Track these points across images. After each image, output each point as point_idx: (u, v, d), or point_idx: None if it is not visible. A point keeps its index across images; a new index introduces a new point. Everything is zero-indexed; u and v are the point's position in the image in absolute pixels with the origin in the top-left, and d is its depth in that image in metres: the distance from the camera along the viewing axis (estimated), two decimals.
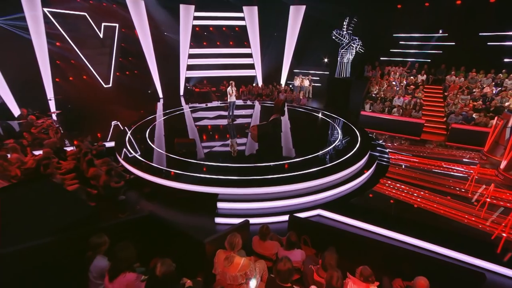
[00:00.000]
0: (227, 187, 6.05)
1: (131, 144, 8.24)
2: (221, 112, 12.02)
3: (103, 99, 13.11)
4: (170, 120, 10.89)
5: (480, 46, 11.87)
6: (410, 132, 10.47)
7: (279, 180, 6.22)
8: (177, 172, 6.53)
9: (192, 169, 6.67)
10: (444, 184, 6.92)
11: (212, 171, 6.64)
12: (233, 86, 10.20)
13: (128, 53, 14.35)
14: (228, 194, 6.04)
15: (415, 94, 12.01)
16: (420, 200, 6.16)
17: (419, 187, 6.71)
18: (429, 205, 5.98)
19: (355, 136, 8.98)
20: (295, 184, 6.15)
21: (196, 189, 6.10)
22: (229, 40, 16.67)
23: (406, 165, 7.99)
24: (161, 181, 6.38)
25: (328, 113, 11.83)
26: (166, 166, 6.84)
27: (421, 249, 4.82)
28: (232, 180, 6.24)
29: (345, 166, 6.89)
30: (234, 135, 9.40)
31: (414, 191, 6.54)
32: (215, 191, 6.05)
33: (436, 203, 6.07)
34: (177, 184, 6.21)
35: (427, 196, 6.32)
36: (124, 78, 14.50)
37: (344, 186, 6.51)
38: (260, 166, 6.92)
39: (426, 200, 6.18)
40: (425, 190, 6.58)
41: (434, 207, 5.92)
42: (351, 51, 13.56)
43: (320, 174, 6.46)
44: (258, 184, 6.10)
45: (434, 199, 6.19)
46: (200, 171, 6.58)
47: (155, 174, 6.49)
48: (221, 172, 6.57)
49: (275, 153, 7.75)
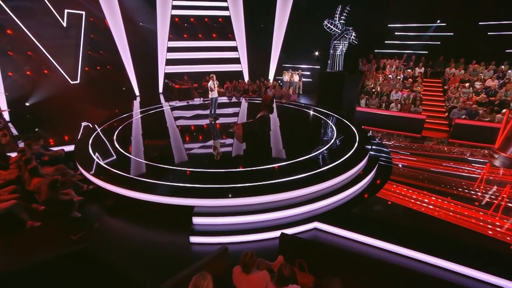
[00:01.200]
0: (204, 198, 5.18)
1: (96, 147, 7.23)
2: (200, 111, 11.09)
3: (69, 97, 11.98)
4: (145, 120, 9.91)
5: (480, 36, 11.47)
6: (410, 129, 9.97)
7: (268, 188, 5.39)
8: (146, 180, 5.61)
9: (165, 177, 5.76)
10: (454, 186, 6.30)
11: (188, 178, 5.74)
12: (214, 80, 9.33)
13: (98, 46, 13.29)
14: (206, 207, 5.17)
15: (414, 88, 11.54)
16: (432, 206, 5.47)
17: (428, 191, 6.04)
18: (442, 213, 5.29)
19: (352, 135, 8.28)
20: (286, 192, 5.33)
21: (168, 201, 5.20)
22: (212, 32, 15.89)
23: (412, 166, 7.35)
24: (125, 192, 5.44)
25: (320, 110, 11.17)
26: (134, 174, 5.89)
27: (449, 272, 4.11)
28: (211, 189, 5.36)
29: (343, 169, 6.13)
30: (216, 136, 8.55)
31: (424, 196, 5.85)
32: (191, 203, 5.17)
33: (451, 211, 5.39)
34: (145, 195, 5.28)
35: (439, 203, 5.64)
36: (95, 74, 13.45)
37: (343, 193, 5.74)
38: (245, 172, 6.08)
39: (437, 206, 5.50)
40: (435, 194, 5.91)
41: (450, 215, 5.24)
42: (344, 42, 12.93)
43: (315, 180, 5.67)
44: (242, 193, 5.26)
45: (449, 207, 5.50)
46: (173, 179, 5.67)
47: (119, 184, 5.53)
48: (198, 179, 5.69)
49: (263, 156, 6.99)
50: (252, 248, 4.59)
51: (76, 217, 5.08)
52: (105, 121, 9.39)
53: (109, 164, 6.23)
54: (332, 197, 5.54)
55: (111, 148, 7.21)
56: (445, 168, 7.22)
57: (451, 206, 5.54)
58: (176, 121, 9.89)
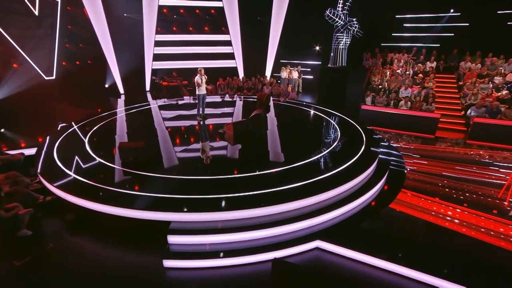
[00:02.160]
0: (182, 212, 4.45)
1: (63, 151, 6.49)
2: (185, 111, 10.39)
3: (43, 94, 11.31)
4: (125, 120, 9.21)
5: (498, 27, 10.91)
6: (423, 129, 9.40)
7: (259, 199, 4.69)
8: (115, 190, 4.88)
9: (138, 185, 5.04)
10: (480, 194, 5.62)
11: (165, 188, 5.02)
12: (202, 74, 8.62)
13: (77, 38, 12.75)
14: (185, 222, 4.45)
15: (425, 84, 10.96)
16: (458, 220, 4.77)
17: (450, 201, 5.35)
18: (471, 230, 4.59)
19: (358, 136, 7.63)
20: (282, 204, 4.62)
21: (138, 215, 4.47)
22: (203, 25, 15.52)
23: (429, 172, 6.68)
24: (90, 204, 4.70)
25: (322, 109, 10.57)
26: (102, 182, 5.15)
27: None
28: (190, 200, 4.64)
29: (349, 176, 5.43)
30: (204, 138, 7.89)
31: (447, 208, 5.15)
32: (167, 217, 4.44)
33: (480, 226, 4.68)
34: (112, 208, 4.55)
35: (465, 216, 4.94)
36: (73, 69, 12.84)
37: (350, 204, 5.03)
38: (233, 179, 5.37)
39: (464, 221, 4.80)
40: (459, 205, 5.22)
41: (482, 231, 4.53)
42: (347, 35, 12.36)
43: (316, 189, 4.96)
44: (228, 206, 4.54)
45: (479, 222, 4.80)
46: (148, 189, 4.95)
47: (82, 195, 4.79)
48: (176, 189, 4.96)
49: (256, 160, 6.34)
50: (241, 273, 3.89)
51: (26, 235, 4.33)
52: (80, 121, 8.66)
53: (74, 171, 5.49)
54: (337, 209, 4.83)
55: (81, 151, 6.48)
56: (468, 174, 6.55)
57: (481, 220, 4.83)
58: (159, 122, 9.19)
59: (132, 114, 9.83)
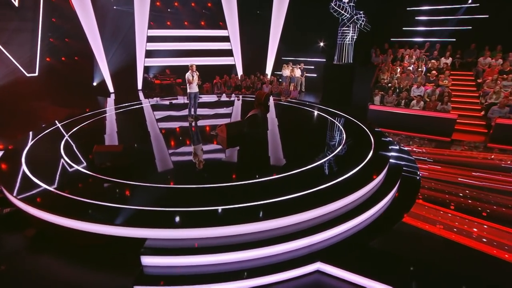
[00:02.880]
0: (162, 228, 3.95)
1: (32, 156, 6.03)
2: (173, 111, 9.95)
3: (24, 92, 10.98)
4: (109, 122, 8.77)
5: None
6: (437, 131, 9.05)
7: (250, 211, 4.19)
8: (85, 201, 4.38)
9: (113, 196, 4.57)
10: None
11: (144, 199, 4.52)
12: (193, 70, 8.18)
13: (62, 33, 12.48)
14: (163, 240, 3.95)
15: (440, 82, 10.59)
16: (486, 240, 4.22)
17: (474, 215, 4.81)
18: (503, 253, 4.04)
19: (365, 139, 7.15)
20: (277, 219, 4.09)
21: (109, 232, 3.97)
22: (199, 20, 15.33)
23: (448, 180, 6.16)
24: (52, 217, 4.20)
25: (326, 109, 10.16)
26: (74, 192, 4.66)
27: None
28: (170, 214, 4.14)
29: (355, 185, 4.91)
30: (195, 141, 7.47)
31: (472, 224, 4.59)
32: (142, 234, 3.94)
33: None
34: (78, 223, 4.06)
35: (495, 232, 4.38)
36: (58, 66, 12.65)
37: (357, 218, 4.49)
38: (219, 188, 4.86)
39: (495, 237, 4.26)
40: (488, 221, 4.67)
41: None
42: (354, 29, 12.01)
43: (317, 200, 4.44)
44: (215, 220, 4.05)
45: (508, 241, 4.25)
46: (124, 200, 4.46)
47: (45, 208, 4.29)
48: (157, 200, 4.46)
49: (249, 165, 5.89)
50: None
51: None
52: (59, 121, 8.24)
53: (41, 179, 5.02)
54: (341, 224, 4.30)
55: (54, 156, 6.01)
56: (494, 183, 6.02)
57: None
58: (146, 123, 8.76)
59: (118, 115, 9.40)
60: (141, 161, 5.97)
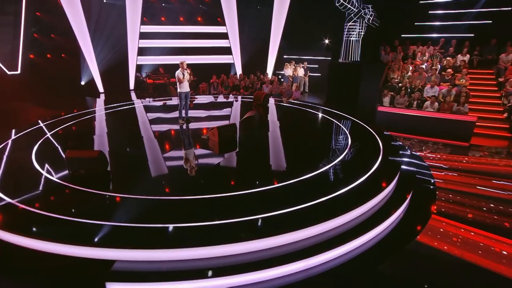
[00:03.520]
0: (135, 249, 3.52)
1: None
2: (163, 113, 9.66)
3: (4, 91, 10.73)
4: (90, 124, 8.45)
5: None
6: (454, 135, 8.61)
7: (238, 228, 3.75)
8: (49, 216, 3.98)
9: (80, 210, 4.14)
10: None
11: (118, 213, 4.11)
12: (184, 68, 7.79)
13: (48, 28, 12.27)
14: (135, 262, 3.52)
15: (456, 81, 10.16)
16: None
17: (502, 233, 4.31)
18: None
19: (373, 144, 6.73)
20: (269, 238, 3.64)
21: (73, 252, 3.55)
22: (196, 15, 15.23)
23: (469, 192, 5.67)
24: (7, 236, 3.81)
25: (330, 110, 9.84)
26: (39, 205, 4.26)
27: None
28: (150, 230, 3.73)
29: (361, 197, 4.45)
30: (186, 145, 7.15)
31: (502, 246, 4.09)
32: (109, 255, 3.52)
33: None
34: (36, 242, 3.65)
35: None
36: (43, 63, 12.42)
37: (362, 237, 4.00)
38: (203, 200, 4.40)
39: None
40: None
41: None
42: (361, 24, 11.78)
43: (316, 216, 3.97)
44: (197, 239, 3.61)
45: None
46: (95, 214, 4.03)
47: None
48: (134, 215, 4.05)
49: (246, 174, 5.52)
50: None
51: None
52: (35, 124, 7.95)
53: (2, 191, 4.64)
54: (343, 244, 3.81)
55: (22, 164, 5.66)
56: None
57: None
58: (132, 127, 8.38)
59: (102, 117, 9.10)
60: (120, 169, 5.60)
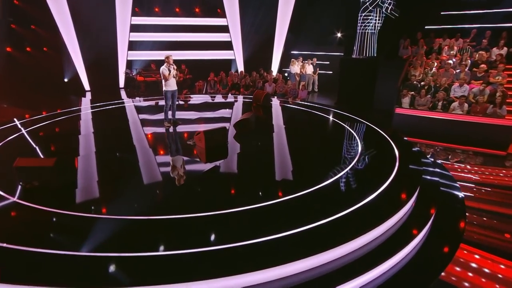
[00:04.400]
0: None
1: None
2: (149, 114, 9.41)
3: None
4: (59, 126, 8.13)
5: None
6: (488, 143, 8.19)
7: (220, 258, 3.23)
8: None
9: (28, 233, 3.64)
10: None
11: (76, 239, 3.57)
12: (170, 63, 7.32)
13: (27, 18, 12.25)
14: None
15: (490, 79, 9.56)
16: None
17: None
18: None
19: (388, 152, 6.31)
20: (257, 272, 3.12)
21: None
22: (193, 6, 15.17)
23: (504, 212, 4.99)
24: None
25: (341, 113, 9.58)
26: None
27: None
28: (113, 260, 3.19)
29: (370, 221, 3.84)
30: (173, 152, 6.82)
31: None
32: None
33: None
34: None
35: None
36: (21, 57, 12.47)
37: (371, 272, 3.39)
38: (185, 221, 3.85)
39: None
40: None
41: None
42: (378, 15, 11.38)
43: (313, 244, 3.42)
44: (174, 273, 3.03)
45: None
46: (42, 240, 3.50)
47: None
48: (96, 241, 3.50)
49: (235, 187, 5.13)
50: None
51: None
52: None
53: None
54: (347, 281, 3.25)
55: None
56: None
57: None
58: (108, 130, 8.13)
59: (78, 117, 8.85)
60: (84, 181, 5.09)
